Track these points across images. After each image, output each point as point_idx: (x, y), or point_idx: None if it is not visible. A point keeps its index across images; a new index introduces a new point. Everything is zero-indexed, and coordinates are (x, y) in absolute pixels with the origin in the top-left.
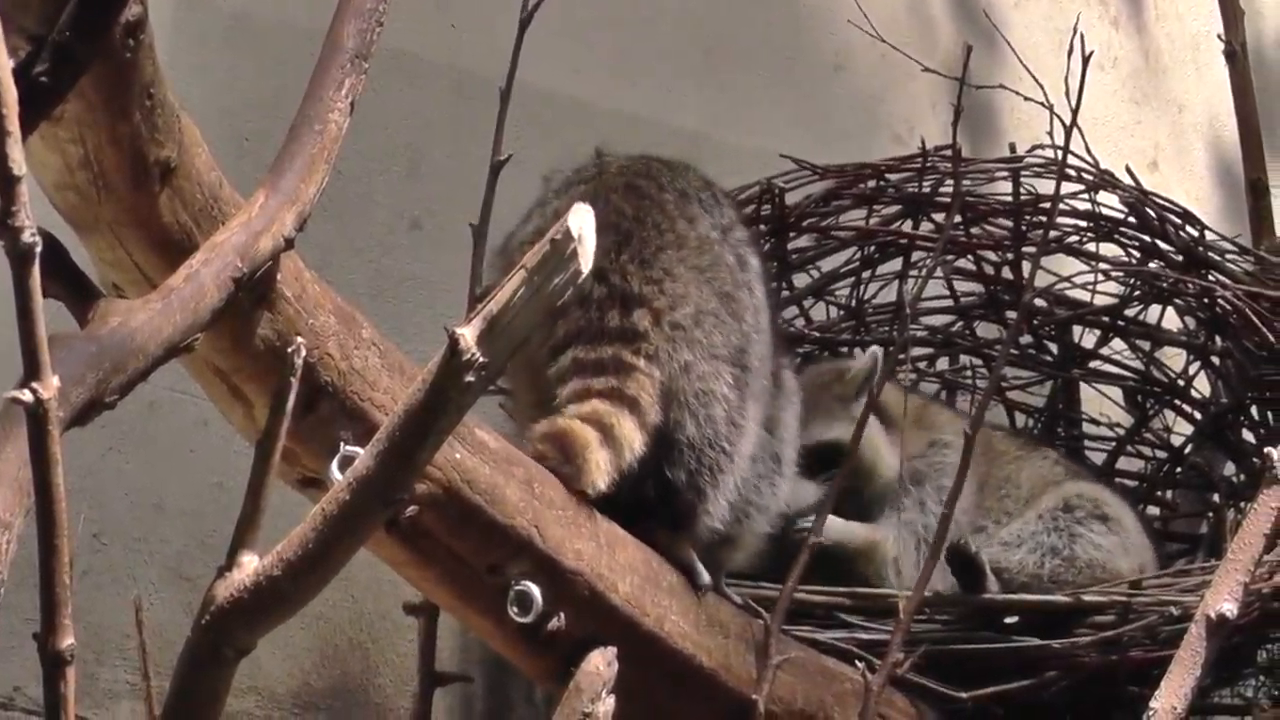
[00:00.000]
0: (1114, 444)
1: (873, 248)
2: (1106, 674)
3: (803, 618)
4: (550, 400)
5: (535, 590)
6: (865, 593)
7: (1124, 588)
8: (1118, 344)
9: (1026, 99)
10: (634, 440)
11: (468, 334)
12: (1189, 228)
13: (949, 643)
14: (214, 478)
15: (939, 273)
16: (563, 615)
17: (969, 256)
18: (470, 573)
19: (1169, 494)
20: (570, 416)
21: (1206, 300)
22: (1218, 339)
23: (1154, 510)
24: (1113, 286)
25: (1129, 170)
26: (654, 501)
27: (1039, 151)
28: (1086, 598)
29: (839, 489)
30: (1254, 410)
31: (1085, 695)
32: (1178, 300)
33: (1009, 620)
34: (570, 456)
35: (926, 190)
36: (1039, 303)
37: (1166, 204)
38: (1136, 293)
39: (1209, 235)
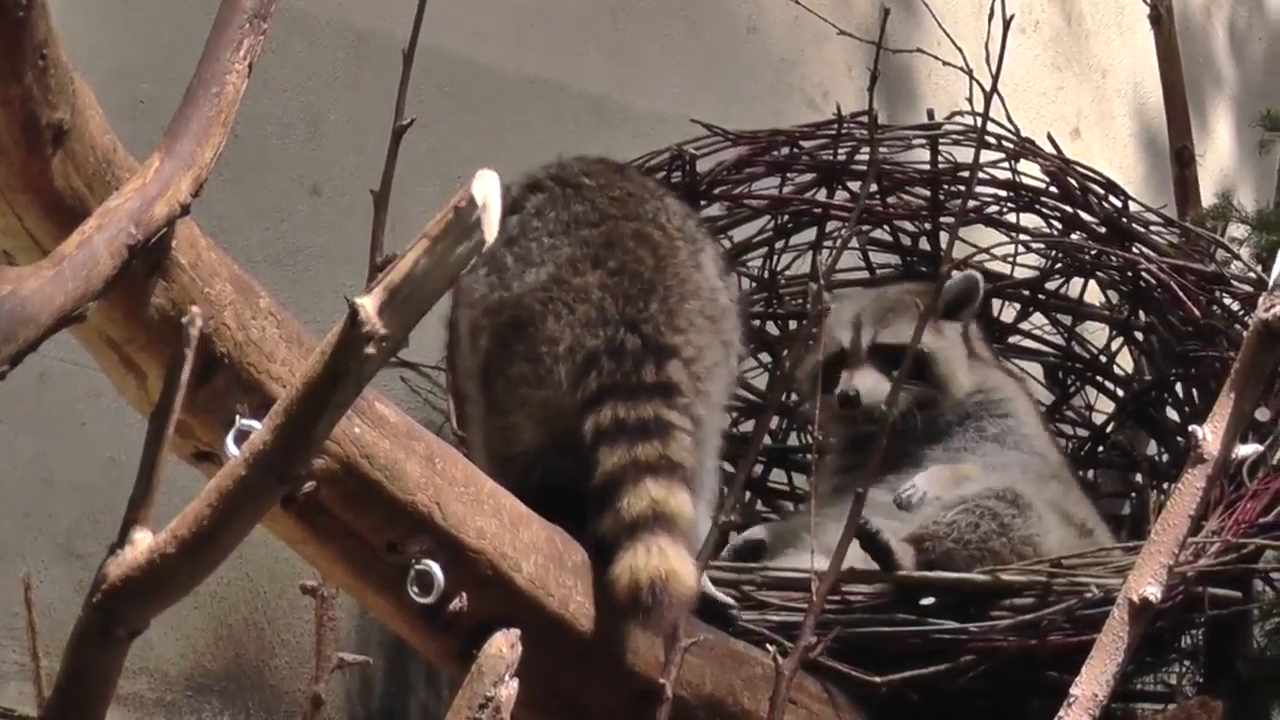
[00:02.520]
0: None
1: (786, 217)
2: (1025, 658)
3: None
4: (576, 444)
5: (436, 569)
6: (777, 568)
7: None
8: (1038, 318)
9: (945, 64)
10: (689, 511)
11: (368, 304)
12: (1112, 198)
13: (863, 625)
14: (106, 452)
15: (854, 243)
16: (464, 596)
17: (885, 227)
18: (369, 551)
19: (1091, 473)
20: (633, 517)
21: (1130, 273)
22: (1141, 313)
23: None
24: (1033, 258)
25: (1050, 138)
26: None
27: (957, 118)
28: (1005, 577)
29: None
30: (1178, 387)
31: (1003, 680)
32: (1100, 273)
33: (925, 601)
34: (671, 596)
35: (841, 158)
36: (957, 275)
37: (1089, 173)
38: (1058, 265)
39: (1133, 206)
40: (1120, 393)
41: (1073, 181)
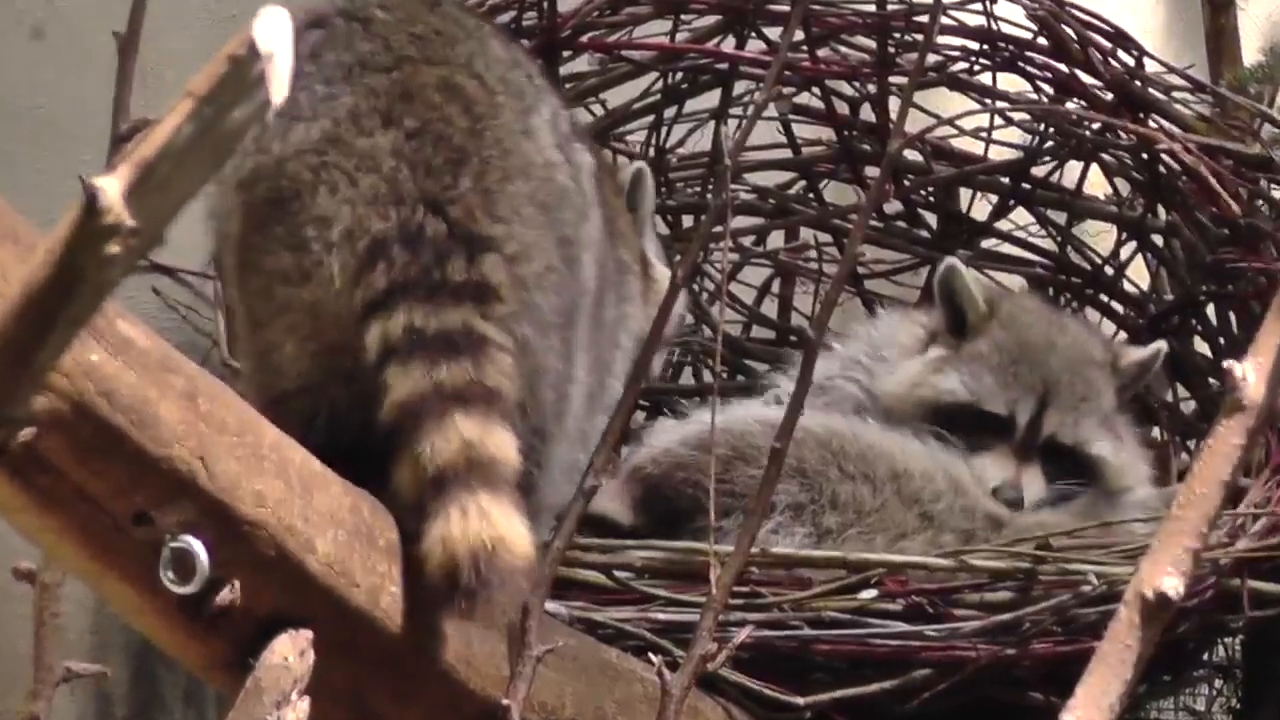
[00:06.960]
0: None
1: (679, 75)
2: (1000, 673)
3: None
4: (361, 370)
5: (199, 548)
6: (668, 548)
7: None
8: (1021, 215)
9: None
10: (513, 456)
11: (111, 187)
12: (1121, 53)
13: (781, 626)
14: None
15: (772, 111)
16: (237, 584)
17: (814, 89)
18: (109, 522)
19: None
20: (440, 466)
21: (1145, 155)
22: (1160, 210)
23: None
24: (1015, 134)
25: None
26: None
27: None
28: (974, 562)
29: None
30: (1210, 310)
31: (971, 701)
32: (1105, 155)
33: (866, 595)
34: (502, 572)
35: None
36: (911, 155)
37: (1090, 19)
38: (1048, 144)
39: (1149, 65)
40: (1133, 316)
41: (1069, 30)
